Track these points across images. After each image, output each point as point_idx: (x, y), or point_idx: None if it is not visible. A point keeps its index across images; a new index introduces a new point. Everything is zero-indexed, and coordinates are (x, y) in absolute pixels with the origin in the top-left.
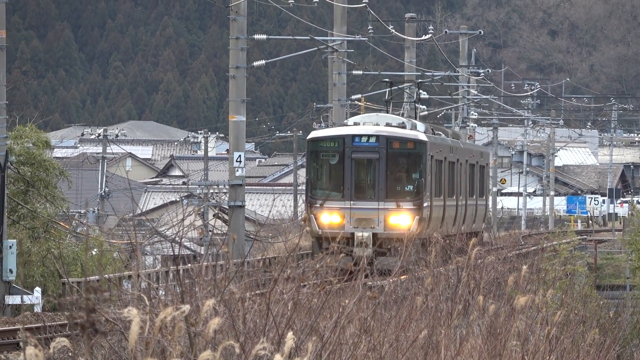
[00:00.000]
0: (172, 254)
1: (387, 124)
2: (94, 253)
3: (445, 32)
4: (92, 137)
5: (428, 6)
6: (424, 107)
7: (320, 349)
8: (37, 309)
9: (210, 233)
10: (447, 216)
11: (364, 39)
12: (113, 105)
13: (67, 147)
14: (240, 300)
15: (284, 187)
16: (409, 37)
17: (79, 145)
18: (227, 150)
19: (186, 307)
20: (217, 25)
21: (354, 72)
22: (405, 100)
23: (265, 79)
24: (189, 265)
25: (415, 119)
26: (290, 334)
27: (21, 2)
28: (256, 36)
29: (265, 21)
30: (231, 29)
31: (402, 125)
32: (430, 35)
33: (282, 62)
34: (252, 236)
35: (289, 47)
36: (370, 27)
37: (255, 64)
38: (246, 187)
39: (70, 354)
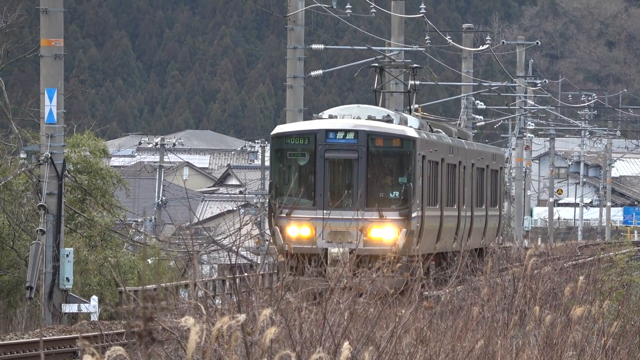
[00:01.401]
0: (228, 263)
1: (370, 117)
2: (150, 262)
3: (503, 42)
4: (150, 146)
5: (485, 17)
6: (481, 117)
7: (376, 359)
8: (94, 318)
9: (266, 242)
10: (446, 229)
11: (421, 49)
12: (170, 114)
13: (124, 156)
14: (297, 309)
15: None
16: (466, 48)
17: (136, 154)
18: None
19: (243, 317)
20: (275, 34)
21: (411, 82)
22: (462, 109)
23: (322, 89)
24: (246, 274)
25: (410, 113)
26: (346, 344)
27: (79, 11)
28: (314, 46)
29: (323, 31)
30: (289, 39)
31: (388, 119)
32: (487, 45)
33: (339, 71)
34: None
35: (346, 56)
36: (427, 37)
37: (313, 73)
38: None
39: None
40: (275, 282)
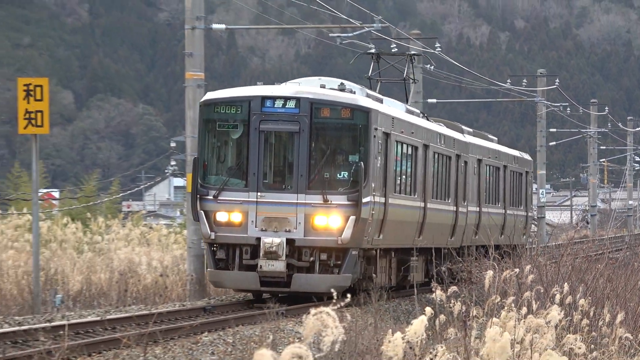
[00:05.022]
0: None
1: (322, 87)
2: None
3: None
4: None
5: None
6: None
7: (585, 289)
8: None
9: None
10: (432, 224)
11: None
12: None
13: None
14: (544, 265)
15: None
16: None
17: None
18: None
19: (516, 270)
20: (531, 124)
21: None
22: None
23: None
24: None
25: (407, 102)
26: (566, 285)
27: None
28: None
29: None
30: (539, 127)
31: (341, 88)
32: None
33: None
34: (549, 232)
35: None
36: None
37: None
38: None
39: (458, 294)
40: (533, 252)
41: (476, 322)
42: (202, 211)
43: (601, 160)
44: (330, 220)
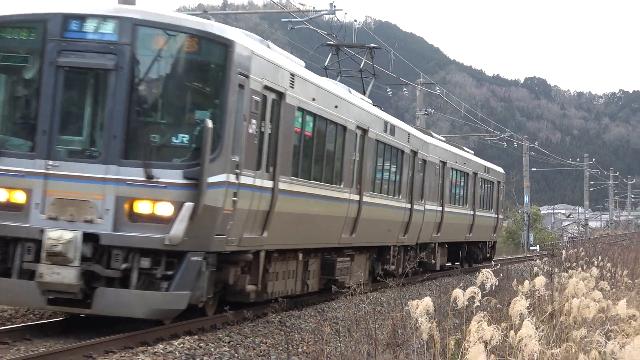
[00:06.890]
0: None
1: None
2: None
3: None
4: None
5: None
6: None
7: (608, 259)
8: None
9: None
10: (366, 220)
11: None
12: None
13: None
14: (588, 247)
15: None
16: None
17: None
18: None
19: (575, 250)
20: None
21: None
22: None
23: None
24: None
25: (364, 94)
26: (599, 256)
27: None
28: None
29: None
30: None
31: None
32: None
33: None
34: (590, 232)
35: None
36: None
37: None
38: None
39: (548, 262)
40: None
41: (556, 275)
42: None
43: (615, 197)
44: (157, 207)
